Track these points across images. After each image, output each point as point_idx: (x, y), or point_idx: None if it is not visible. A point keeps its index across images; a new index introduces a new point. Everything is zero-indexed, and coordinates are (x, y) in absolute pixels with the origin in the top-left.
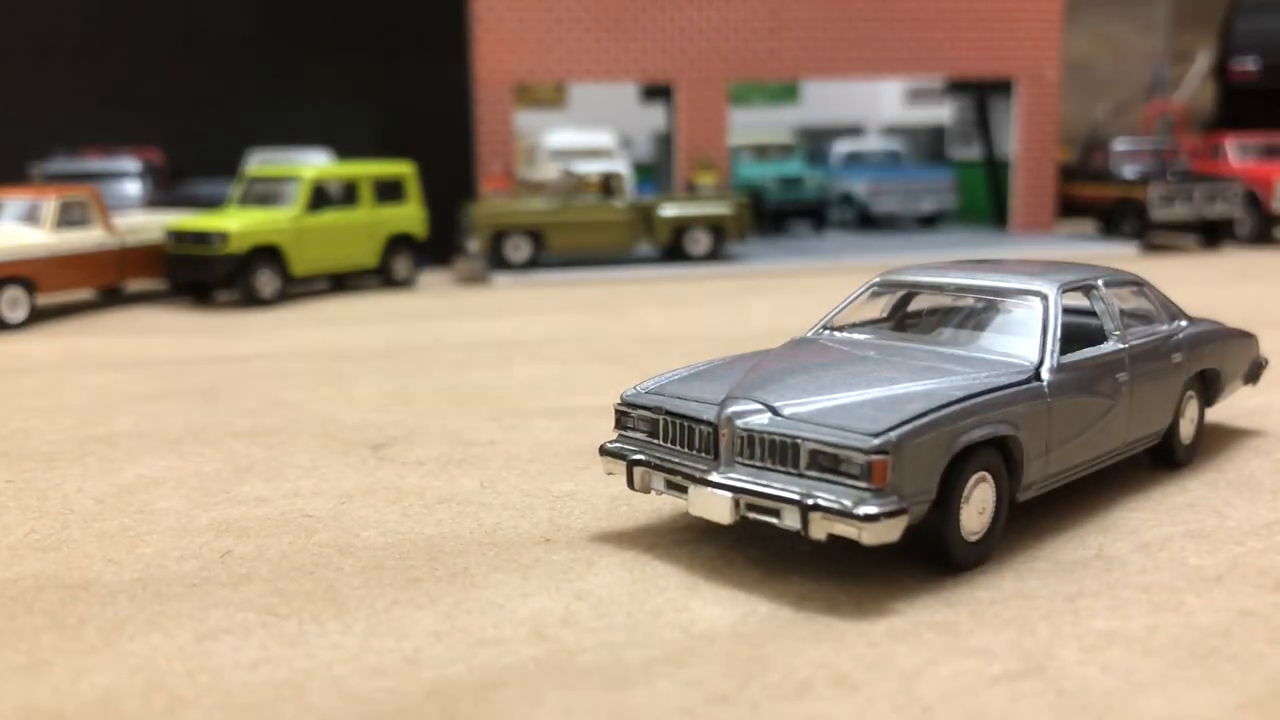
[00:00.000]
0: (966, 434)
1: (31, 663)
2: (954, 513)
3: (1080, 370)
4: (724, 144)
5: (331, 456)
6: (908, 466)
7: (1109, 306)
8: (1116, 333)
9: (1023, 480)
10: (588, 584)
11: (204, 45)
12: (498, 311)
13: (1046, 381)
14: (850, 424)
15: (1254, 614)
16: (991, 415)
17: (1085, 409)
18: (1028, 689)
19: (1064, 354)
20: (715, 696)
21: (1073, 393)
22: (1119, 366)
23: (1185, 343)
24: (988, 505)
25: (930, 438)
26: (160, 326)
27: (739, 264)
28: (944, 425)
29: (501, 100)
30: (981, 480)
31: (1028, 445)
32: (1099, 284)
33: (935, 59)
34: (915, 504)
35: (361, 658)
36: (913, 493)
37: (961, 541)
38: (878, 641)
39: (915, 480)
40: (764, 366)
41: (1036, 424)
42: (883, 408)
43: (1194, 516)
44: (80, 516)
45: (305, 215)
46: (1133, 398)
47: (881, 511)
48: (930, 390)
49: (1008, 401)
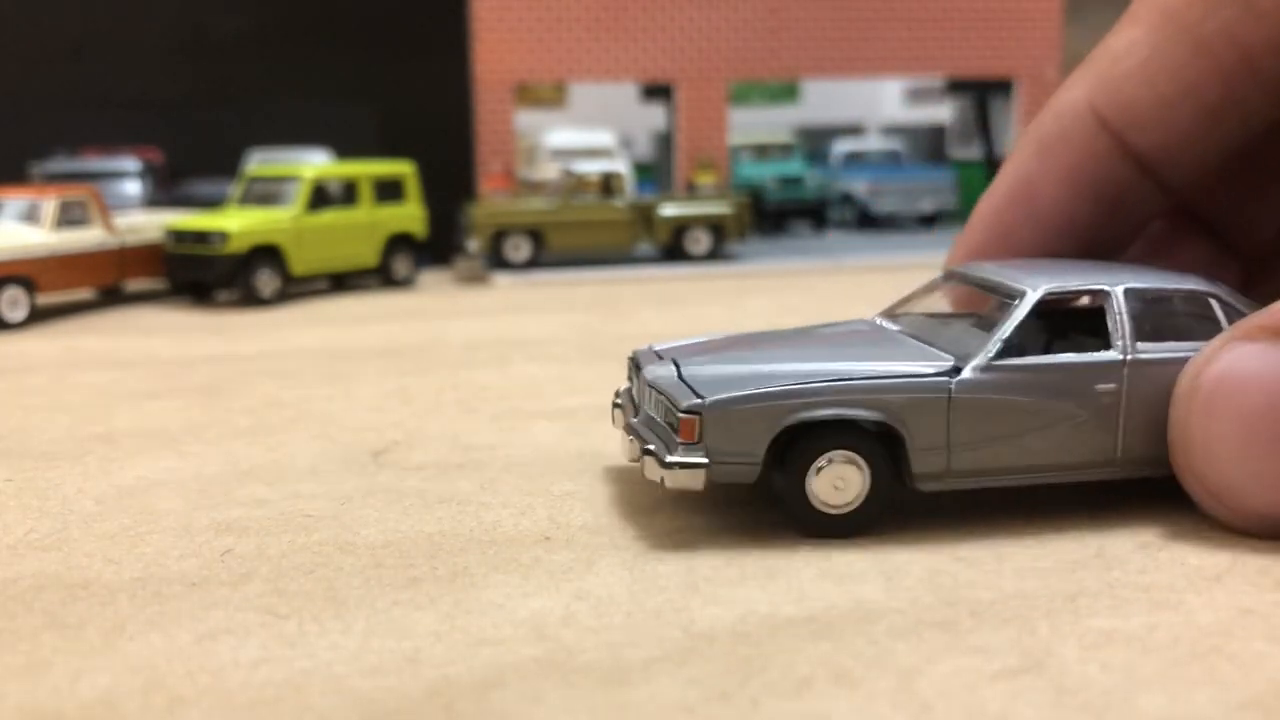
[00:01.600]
0: (802, 411)
1: (31, 663)
2: (797, 481)
3: (1023, 372)
4: (724, 144)
5: (331, 457)
6: (719, 430)
7: (1121, 315)
8: (1120, 342)
9: (913, 470)
10: (587, 583)
11: (204, 45)
12: (498, 311)
13: (959, 378)
14: (694, 389)
15: (1254, 613)
16: (850, 399)
17: (1024, 411)
18: (1027, 686)
19: (1026, 355)
20: (715, 694)
21: (1002, 392)
22: (1102, 376)
23: None
24: (850, 483)
25: (752, 409)
26: (160, 326)
27: (739, 264)
28: (774, 400)
29: (501, 100)
30: (845, 460)
31: (913, 436)
32: (1115, 291)
33: (935, 59)
34: (732, 464)
35: (361, 657)
36: (728, 453)
37: (812, 509)
38: (877, 639)
39: (731, 443)
40: (748, 338)
41: (927, 417)
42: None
43: (1194, 515)
44: (80, 516)
45: (305, 215)
46: (1130, 411)
47: (680, 461)
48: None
49: (886, 390)
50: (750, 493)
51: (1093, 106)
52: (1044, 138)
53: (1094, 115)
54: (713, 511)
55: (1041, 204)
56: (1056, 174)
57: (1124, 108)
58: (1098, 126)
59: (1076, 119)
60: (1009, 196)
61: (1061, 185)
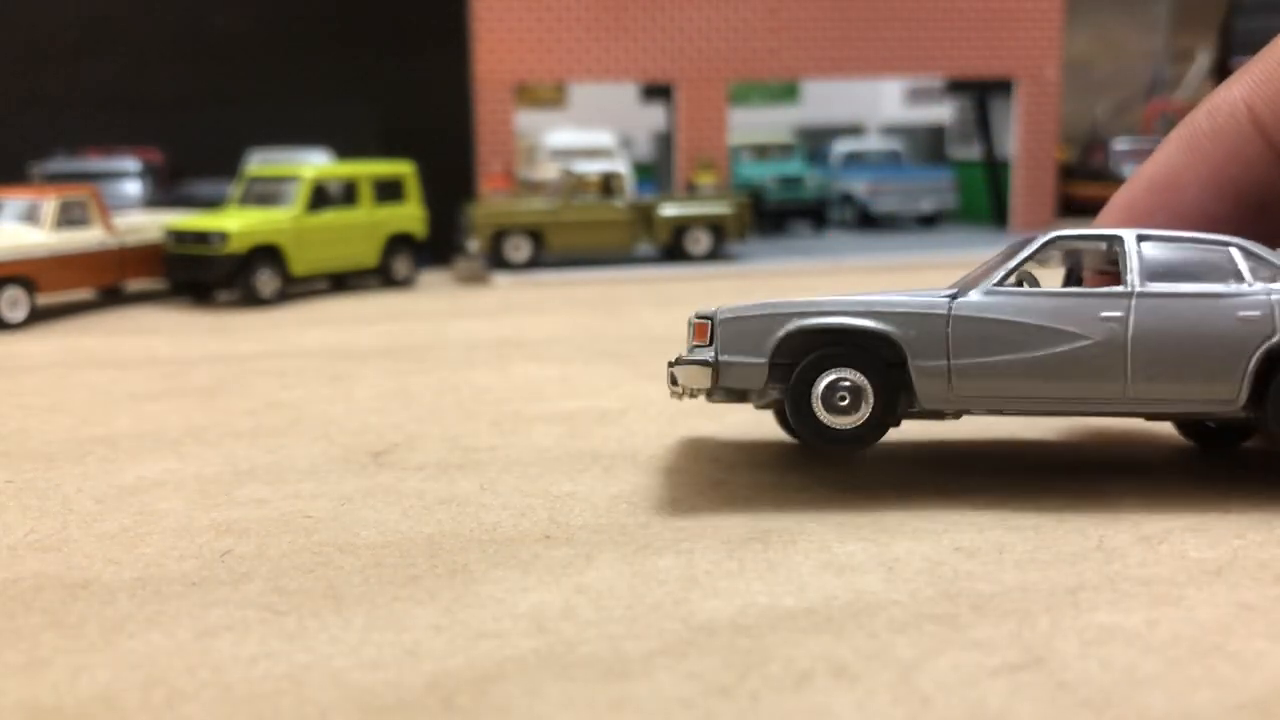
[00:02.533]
0: (804, 319)
1: (31, 661)
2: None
3: (1026, 297)
4: (724, 144)
5: (331, 458)
6: (729, 335)
7: (1131, 256)
8: (1130, 277)
9: (917, 388)
10: (587, 578)
11: (204, 45)
12: (498, 311)
13: (963, 300)
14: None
15: (1254, 608)
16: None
17: (1021, 333)
18: (1027, 681)
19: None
20: (715, 688)
21: (1004, 314)
22: (1108, 306)
23: (1273, 305)
24: (850, 400)
25: (758, 317)
26: (160, 326)
27: (739, 264)
28: (779, 310)
29: (501, 100)
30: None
31: (914, 352)
32: (1128, 235)
33: (935, 59)
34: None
35: (360, 651)
36: (735, 353)
37: (817, 423)
38: (877, 633)
39: (739, 346)
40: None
41: (926, 332)
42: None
43: (1194, 508)
44: (80, 517)
45: (305, 215)
46: (1139, 344)
47: (687, 359)
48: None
49: (887, 305)
50: (751, 491)
51: (1250, 107)
52: (1194, 133)
53: (1250, 117)
54: (714, 510)
55: (1182, 199)
56: (1202, 171)
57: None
58: (1252, 128)
59: (1231, 118)
60: (1150, 187)
61: (1206, 183)
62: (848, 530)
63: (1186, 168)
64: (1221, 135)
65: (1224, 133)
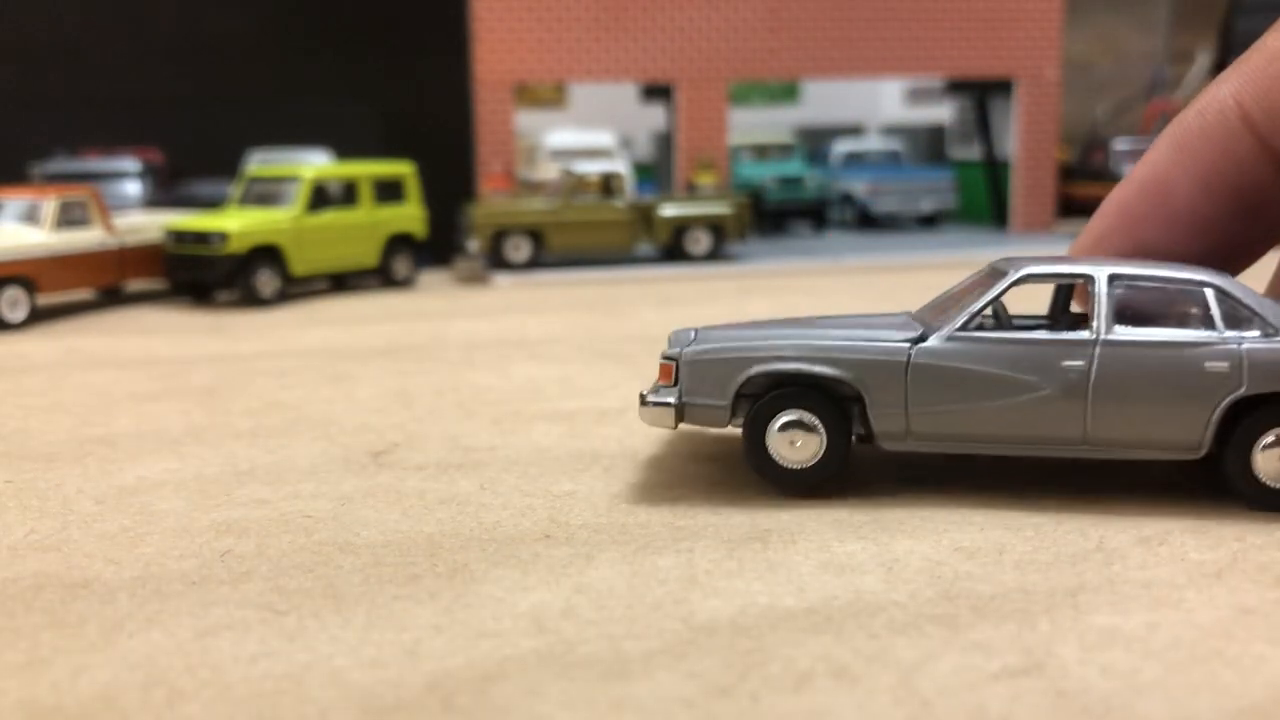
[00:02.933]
0: (764, 364)
1: (31, 660)
2: (758, 431)
3: (988, 344)
4: (724, 144)
5: (331, 458)
6: (693, 376)
7: (1100, 298)
8: (1095, 323)
9: (875, 428)
10: (587, 578)
11: (204, 45)
12: (498, 311)
13: (922, 346)
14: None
15: (1254, 612)
16: (812, 357)
17: (986, 381)
18: (1028, 687)
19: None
20: (715, 688)
21: (964, 361)
22: (1070, 354)
23: (1241, 356)
24: (803, 441)
25: (720, 359)
26: (160, 326)
27: (739, 264)
28: (741, 352)
29: (501, 100)
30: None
31: (872, 395)
32: (1099, 275)
33: (935, 59)
34: (702, 406)
35: (361, 650)
36: (699, 395)
37: (772, 461)
38: (878, 634)
39: (702, 388)
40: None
41: (885, 377)
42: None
43: (1194, 510)
44: (80, 517)
45: (305, 215)
46: (1100, 391)
47: (653, 400)
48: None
49: (847, 351)
50: (751, 491)
51: (1240, 105)
52: (1184, 133)
53: (1240, 114)
54: (714, 509)
55: (1174, 201)
56: (1193, 172)
57: (1273, 111)
58: (1242, 127)
59: (1221, 117)
60: (1141, 189)
61: (1197, 184)
62: (847, 529)
63: (1177, 168)
64: (1211, 134)
65: (1214, 132)
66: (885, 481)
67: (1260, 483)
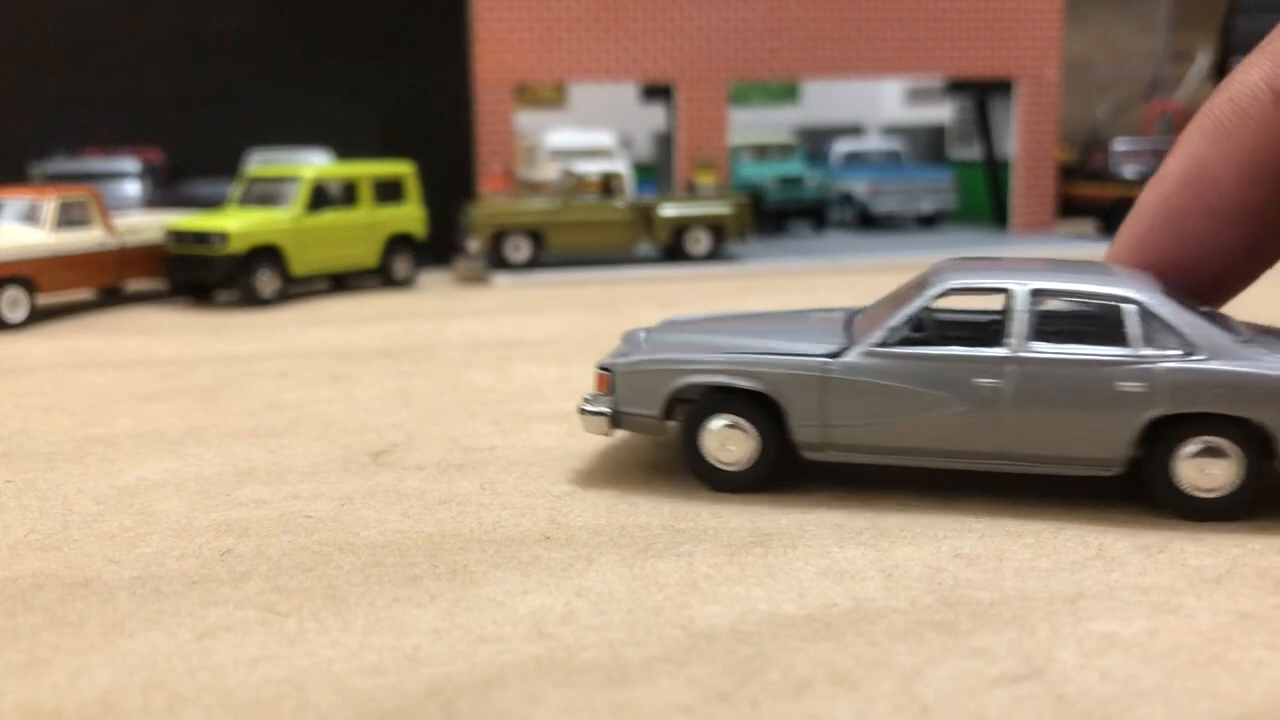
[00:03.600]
0: (690, 377)
1: (31, 661)
2: (692, 435)
3: (905, 360)
4: (724, 144)
5: (331, 458)
6: (626, 387)
7: (1017, 314)
8: (1011, 340)
9: (795, 438)
10: (587, 581)
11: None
12: (498, 311)
13: (839, 361)
14: (623, 353)
15: (1254, 617)
16: (735, 371)
17: (902, 396)
18: (1028, 693)
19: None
20: (715, 694)
21: (880, 377)
22: (985, 371)
23: (1159, 376)
24: (735, 445)
25: (650, 371)
26: (160, 326)
27: (739, 264)
28: (669, 365)
29: (501, 100)
30: (733, 425)
31: (791, 408)
32: (1019, 290)
33: (935, 59)
34: (636, 416)
35: (361, 655)
36: (633, 406)
37: (706, 462)
38: (877, 640)
39: (636, 399)
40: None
41: (803, 391)
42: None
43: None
44: (80, 517)
45: (305, 215)
46: (1017, 408)
47: (589, 409)
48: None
49: (770, 365)
50: (750, 494)
51: (1272, 88)
52: (1219, 121)
53: (1273, 98)
54: (714, 512)
55: (1217, 189)
56: (1233, 158)
57: None
58: (1277, 109)
59: (1255, 101)
60: (1181, 181)
61: (1239, 170)
62: (847, 535)
63: (1217, 158)
64: (1248, 119)
65: (1250, 116)
66: (884, 487)
67: (1182, 492)
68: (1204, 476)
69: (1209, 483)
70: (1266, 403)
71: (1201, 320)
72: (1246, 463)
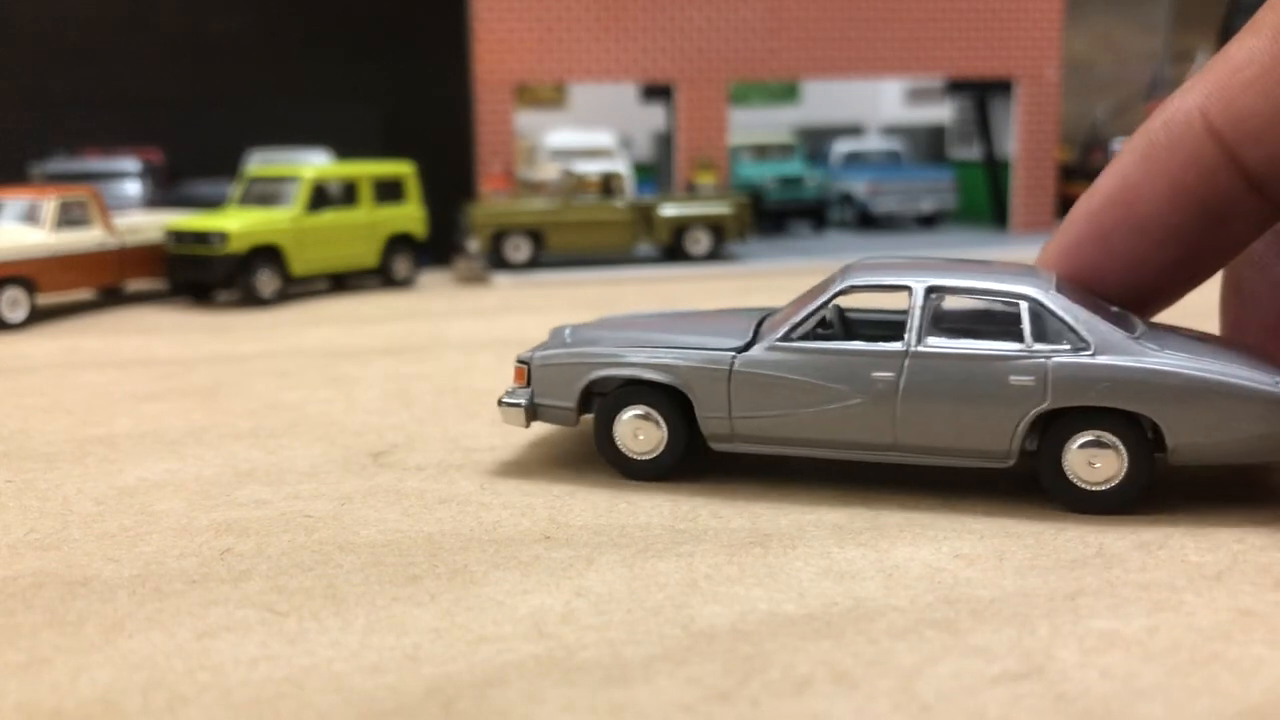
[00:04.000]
0: (603, 370)
1: (31, 660)
2: (605, 426)
3: (806, 354)
4: (724, 144)
5: (331, 458)
6: (542, 380)
7: (916, 310)
8: (909, 335)
9: (704, 429)
10: (587, 580)
11: (204, 45)
12: (498, 311)
13: (744, 356)
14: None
15: (1254, 614)
16: (646, 365)
17: (802, 389)
18: (1028, 691)
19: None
20: (715, 693)
21: (782, 370)
22: (882, 365)
23: (1047, 370)
24: (648, 436)
25: (565, 364)
26: (160, 326)
27: (739, 264)
28: (583, 359)
29: (501, 100)
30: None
31: (699, 400)
32: (917, 287)
33: (935, 59)
34: (552, 408)
35: (361, 655)
36: (549, 398)
37: (619, 453)
38: (877, 639)
39: (551, 391)
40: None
41: (710, 384)
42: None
43: (1194, 513)
44: (80, 516)
45: (305, 215)
46: (911, 401)
47: (506, 400)
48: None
49: (679, 359)
50: (750, 494)
51: (1205, 115)
52: (1151, 144)
53: (1205, 125)
54: (714, 513)
55: (1142, 211)
56: (1160, 182)
57: (1238, 120)
58: (1208, 137)
59: (1187, 127)
60: (1109, 199)
61: (1163, 194)
62: (846, 535)
63: (1144, 180)
64: (1177, 146)
65: (1180, 143)
66: (884, 488)
67: (1072, 484)
68: (1091, 470)
69: (1097, 476)
70: (1151, 396)
71: (1096, 318)
72: (1133, 456)
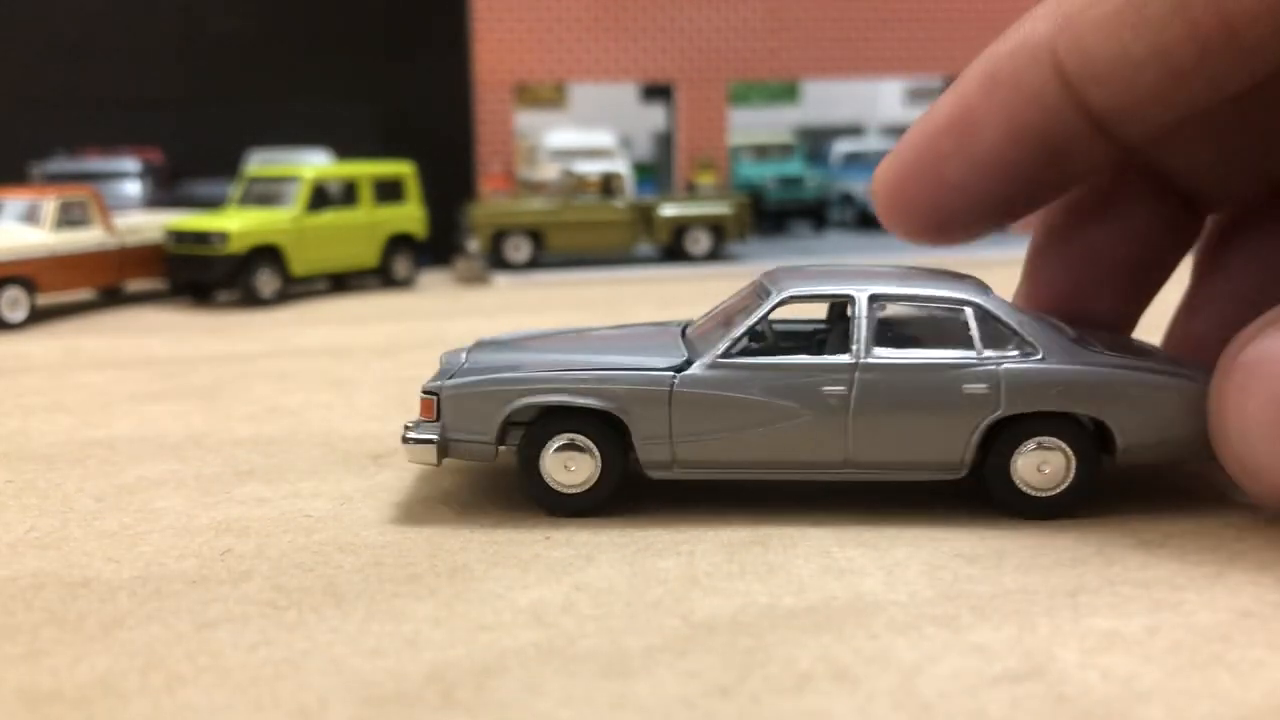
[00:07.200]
0: (528, 397)
1: (30, 651)
2: (530, 460)
3: (750, 371)
4: (724, 144)
5: (331, 458)
6: (454, 411)
7: (860, 320)
8: (855, 346)
9: (640, 457)
10: (587, 576)
11: (204, 45)
12: (498, 311)
13: (683, 374)
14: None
15: (1254, 615)
16: (576, 388)
17: (748, 408)
18: (1028, 692)
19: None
20: (715, 688)
21: (726, 389)
22: (830, 379)
23: (999, 377)
24: (579, 467)
25: (482, 392)
26: (160, 326)
27: (739, 264)
28: (503, 385)
29: (501, 100)
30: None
31: (636, 425)
32: (859, 296)
33: (935, 59)
34: (467, 442)
35: (360, 640)
36: (463, 431)
37: (544, 485)
38: (878, 634)
39: (466, 423)
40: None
41: (648, 408)
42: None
43: (1194, 512)
44: (80, 516)
45: (305, 215)
46: (860, 414)
47: (413, 437)
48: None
49: (611, 381)
50: (751, 495)
51: (1052, 50)
52: (996, 71)
53: (1051, 60)
54: (715, 512)
55: (979, 142)
56: (999, 115)
57: (1085, 60)
58: (1053, 73)
59: (1034, 62)
60: (948, 124)
61: (1002, 128)
62: (847, 535)
63: (984, 111)
64: (1021, 80)
65: (1024, 77)
66: (885, 488)
67: (1021, 492)
68: (1041, 476)
69: (1047, 482)
70: (1103, 399)
71: (1033, 320)
72: (1083, 461)
